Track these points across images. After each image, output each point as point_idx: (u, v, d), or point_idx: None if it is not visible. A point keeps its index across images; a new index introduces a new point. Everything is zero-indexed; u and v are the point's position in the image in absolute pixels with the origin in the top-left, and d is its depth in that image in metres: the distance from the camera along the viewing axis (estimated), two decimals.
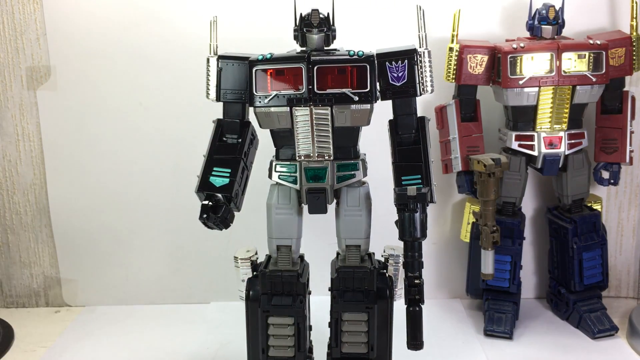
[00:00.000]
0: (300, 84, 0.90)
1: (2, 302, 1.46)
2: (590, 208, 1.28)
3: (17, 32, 1.32)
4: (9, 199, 1.40)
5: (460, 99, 1.24)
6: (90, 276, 1.43)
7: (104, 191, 1.38)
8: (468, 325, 1.31)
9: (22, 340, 1.29)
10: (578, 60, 1.17)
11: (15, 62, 1.33)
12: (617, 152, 1.24)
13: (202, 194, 0.91)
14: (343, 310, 0.94)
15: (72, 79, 1.34)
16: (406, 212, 0.86)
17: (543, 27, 1.19)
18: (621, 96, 1.24)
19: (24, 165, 1.38)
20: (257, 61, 0.91)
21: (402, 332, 0.91)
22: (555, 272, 1.32)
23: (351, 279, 0.93)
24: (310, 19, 0.92)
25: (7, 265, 1.43)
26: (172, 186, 1.37)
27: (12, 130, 1.36)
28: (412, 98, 0.93)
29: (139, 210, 1.39)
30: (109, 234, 1.41)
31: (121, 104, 1.34)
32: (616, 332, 1.23)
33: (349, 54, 0.90)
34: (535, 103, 1.18)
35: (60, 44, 1.32)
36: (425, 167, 0.91)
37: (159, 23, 1.30)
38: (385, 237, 0.96)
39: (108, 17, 1.30)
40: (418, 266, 0.89)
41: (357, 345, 0.96)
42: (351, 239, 0.95)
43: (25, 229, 1.42)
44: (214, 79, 0.95)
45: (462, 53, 1.20)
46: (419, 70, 0.92)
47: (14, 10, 1.31)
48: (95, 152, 1.37)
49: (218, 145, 0.95)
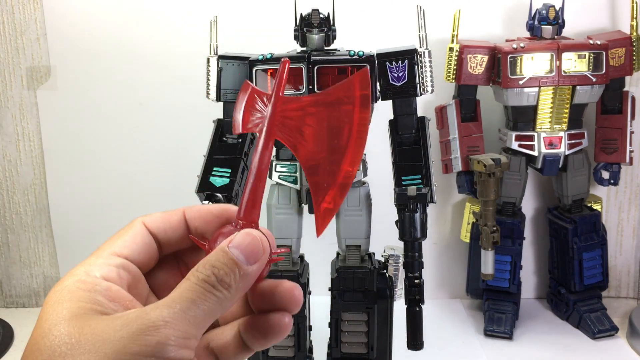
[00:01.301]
0: (301, 83, 0.90)
1: (2, 302, 1.46)
2: (590, 208, 1.28)
3: (17, 32, 1.32)
4: (9, 199, 1.40)
5: (460, 99, 1.24)
6: None
7: (104, 191, 1.38)
8: (468, 325, 1.31)
9: (22, 340, 1.29)
10: (578, 61, 1.17)
11: (15, 62, 1.33)
12: (617, 152, 1.24)
13: (202, 194, 0.91)
14: (343, 310, 0.94)
15: (72, 79, 1.34)
16: (406, 212, 0.86)
17: (543, 27, 1.19)
18: (621, 96, 1.24)
19: (24, 165, 1.38)
20: (258, 61, 0.92)
21: (402, 332, 0.92)
22: (556, 272, 1.32)
23: (351, 279, 0.94)
24: (310, 19, 0.92)
25: (7, 265, 1.43)
26: (172, 186, 1.36)
27: (12, 130, 1.36)
28: (412, 98, 0.93)
29: (139, 210, 1.38)
30: (109, 234, 1.39)
31: (121, 104, 1.34)
32: (616, 332, 1.23)
33: (349, 54, 0.90)
34: (535, 103, 1.18)
35: (60, 44, 1.32)
36: (426, 167, 0.91)
37: (159, 23, 1.30)
38: (385, 237, 0.96)
39: (108, 17, 1.30)
40: (418, 266, 0.89)
41: (357, 345, 0.96)
42: (351, 239, 0.95)
43: (25, 229, 1.42)
44: (214, 78, 0.95)
45: (462, 53, 1.20)
46: (419, 70, 0.92)
47: (14, 10, 1.31)
48: (95, 152, 1.37)
49: (218, 145, 0.95)
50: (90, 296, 0.36)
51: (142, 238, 0.41)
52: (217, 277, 0.36)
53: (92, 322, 0.34)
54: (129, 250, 0.40)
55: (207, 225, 0.43)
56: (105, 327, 0.34)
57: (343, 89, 0.42)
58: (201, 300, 0.35)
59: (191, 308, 0.35)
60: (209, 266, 0.36)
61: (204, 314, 0.35)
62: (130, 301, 0.38)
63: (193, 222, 0.43)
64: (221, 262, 0.37)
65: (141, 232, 0.42)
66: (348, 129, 0.41)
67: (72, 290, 0.36)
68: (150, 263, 0.42)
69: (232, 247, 0.37)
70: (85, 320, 0.34)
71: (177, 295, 0.35)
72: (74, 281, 0.37)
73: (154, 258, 0.42)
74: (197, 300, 0.35)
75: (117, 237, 0.41)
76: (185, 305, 0.35)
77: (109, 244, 0.41)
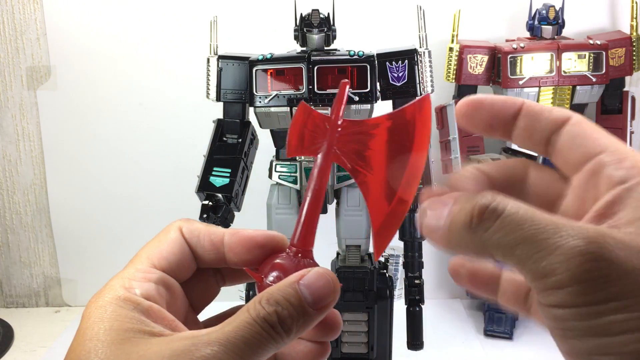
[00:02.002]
0: (301, 84, 0.90)
1: (2, 302, 1.46)
2: None
3: (17, 32, 1.32)
4: (9, 199, 1.40)
5: (460, 99, 1.24)
6: (90, 276, 1.43)
7: (104, 191, 1.38)
8: (468, 325, 1.31)
9: (22, 340, 1.29)
10: (578, 61, 1.17)
11: (15, 62, 1.33)
12: None
13: (202, 194, 0.91)
14: (343, 310, 0.94)
15: (72, 79, 1.34)
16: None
17: (543, 27, 1.19)
18: (621, 96, 1.24)
19: (24, 165, 1.38)
20: (258, 61, 0.92)
21: (402, 332, 0.91)
22: None
23: (351, 279, 0.94)
24: (310, 19, 0.92)
25: (7, 265, 1.43)
26: (172, 186, 1.36)
27: (12, 130, 1.36)
28: (413, 98, 0.93)
29: (139, 210, 1.39)
30: (109, 234, 1.40)
31: (121, 104, 1.34)
32: None
33: (349, 54, 0.90)
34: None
35: (60, 44, 1.32)
36: (426, 167, 0.91)
37: (159, 23, 1.30)
38: None
39: (108, 17, 1.30)
40: (418, 266, 0.89)
41: (357, 345, 0.96)
42: (351, 239, 0.95)
43: (25, 229, 1.42)
44: (214, 79, 0.95)
45: (462, 53, 1.20)
46: (419, 70, 0.92)
47: (14, 10, 1.30)
48: (95, 152, 1.37)
49: (218, 145, 0.95)
50: (134, 316, 0.34)
51: (180, 248, 0.39)
52: (279, 317, 0.32)
53: (140, 348, 0.32)
54: (167, 262, 0.38)
55: (248, 254, 0.39)
56: (153, 355, 0.32)
57: (409, 111, 0.40)
58: (256, 341, 0.32)
59: (243, 349, 0.32)
60: (274, 302, 0.33)
61: (256, 356, 0.32)
62: (171, 321, 0.36)
63: (234, 249, 0.39)
64: (287, 302, 0.33)
65: (179, 240, 0.39)
66: (407, 154, 0.39)
67: (115, 308, 0.34)
68: (187, 274, 0.40)
69: (303, 286, 0.34)
70: (132, 345, 0.32)
71: (231, 329, 0.32)
72: (114, 298, 0.34)
73: (191, 269, 0.40)
74: (252, 340, 0.32)
75: (155, 245, 0.39)
76: (238, 345, 0.32)
77: (146, 251, 0.38)
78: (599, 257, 0.27)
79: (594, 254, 0.27)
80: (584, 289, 0.27)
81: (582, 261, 0.27)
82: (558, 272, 0.27)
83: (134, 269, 0.37)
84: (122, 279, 0.36)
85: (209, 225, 0.40)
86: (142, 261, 0.38)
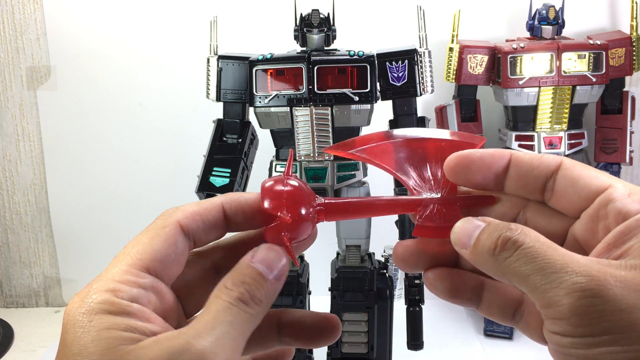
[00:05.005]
0: (301, 84, 0.90)
1: (2, 302, 1.46)
2: None
3: (17, 32, 1.32)
4: (9, 199, 1.40)
5: (460, 99, 1.24)
6: (90, 276, 1.41)
7: (104, 191, 1.38)
8: (468, 325, 1.31)
9: (22, 340, 1.29)
10: (578, 61, 1.17)
11: (15, 62, 1.33)
12: (617, 153, 1.24)
13: (202, 193, 0.91)
14: (343, 310, 0.94)
15: (72, 79, 1.34)
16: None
17: (543, 27, 1.19)
18: (621, 96, 1.24)
19: (24, 165, 1.38)
20: (258, 61, 0.92)
21: (402, 332, 0.91)
22: None
23: (351, 279, 0.94)
24: (310, 19, 0.92)
25: (7, 265, 1.43)
26: (172, 186, 1.36)
27: (12, 130, 1.36)
28: (412, 98, 0.93)
29: (139, 210, 1.39)
30: (109, 233, 1.40)
31: (121, 103, 1.34)
32: None
33: (349, 54, 0.90)
34: (535, 103, 1.18)
35: (60, 44, 1.32)
36: None
37: (159, 23, 1.30)
38: (385, 237, 0.96)
39: (108, 17, 1.30)
40: None
41: (357, 345, 0.96)
42: (351, 239, 0.95)
43: (25, 229, 1.42)
44: (214, 79, 0.95)
45: (462, 53, 1.20)
46: (419, 70, 0.92)
47: (14, 10, 1.31)
48: (95, 152, 1.37)
49: (218, 145, 0.95)
50: (122, 322, 0.32)
51: (175, 244, 0.38)
52: (249, 294, 0.35)
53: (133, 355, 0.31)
54: (161, 265, 0.37)
55: (248, 222, 0.41)
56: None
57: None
58: (238, 321, 0.34)
59: (231, 332, 0.33)
60: (239, 282, 0.35)
61: (242, 336, 0.34)
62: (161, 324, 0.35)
63: (235, 218, 0.40)
64: (251, 278, 0.36)
65: (175, 237, 0.38)
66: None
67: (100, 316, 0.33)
68: (180, 269, 0.39)
69: (257, 262, 0.37)
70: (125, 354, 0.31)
71: (213, 317, 0.33)
72: (98, 303, 0.33)
73: (184, 263, 0.39)
74: (235, 322, 0.34)
75: (147, 242, 0.37)
76: (226, 329, 0.33)
77: (137, 249, 0.37)
78: (596, 293, 0.30)
79: (592, 290, 0.30)
80: (581, 321, 0.30)
81: (581, 296, 0.30)
82: (560, 304, 0.31)
83: (120, 269, 0.36)
84: (107, 280, 0.35)
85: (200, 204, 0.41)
86: (131, 261, 0.36)
